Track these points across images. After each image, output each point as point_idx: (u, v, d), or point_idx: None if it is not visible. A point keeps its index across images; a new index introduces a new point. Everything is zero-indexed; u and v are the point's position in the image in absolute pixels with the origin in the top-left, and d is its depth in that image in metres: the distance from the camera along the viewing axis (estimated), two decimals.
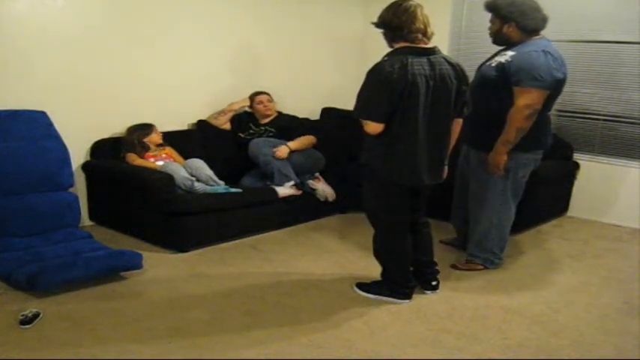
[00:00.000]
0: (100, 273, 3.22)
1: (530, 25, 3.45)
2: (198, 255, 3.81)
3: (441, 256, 3.65)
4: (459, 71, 2.97)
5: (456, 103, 3.00)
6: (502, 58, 3.46)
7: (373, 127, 2.90)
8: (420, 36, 2.89)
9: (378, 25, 2.99)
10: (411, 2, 2.92)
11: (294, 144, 4.55)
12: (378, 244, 3.22)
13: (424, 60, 2.87)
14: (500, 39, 3.55)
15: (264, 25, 5.13)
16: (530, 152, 3.56)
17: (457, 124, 3.13)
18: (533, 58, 3.35)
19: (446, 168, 3.15)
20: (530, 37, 3.47)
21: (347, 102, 5.81)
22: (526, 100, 3.33)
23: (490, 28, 3.58)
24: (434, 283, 3.32)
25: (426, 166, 2.99)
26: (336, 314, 3.04)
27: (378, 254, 3.25)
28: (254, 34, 5.08)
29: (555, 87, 3.41)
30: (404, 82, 2.80)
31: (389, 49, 2.99)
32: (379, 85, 2.83)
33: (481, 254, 3.70)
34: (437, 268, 3.36)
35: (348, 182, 4.78)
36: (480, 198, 3.64)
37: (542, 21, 3.49)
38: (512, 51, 3.44)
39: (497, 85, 3.45)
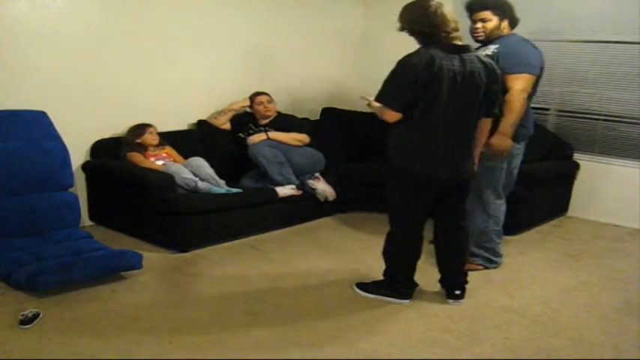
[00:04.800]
0: (100, 273, 3.22)
1: (517, 21, 3.58)
2: (198, 255, 3.81)
3: None
4: (490, 70, 2.97)
5: (485, 101, 2.99)
6: (487, 52, 3.51)
7: (390, 115, 2.90)
8: (452, 35, 2.90)
9: (408, 32, 2.96)
10: (433, 2, 2.90)
11: (275, 135, 4.58)
12: (390, 240, 3.19)
13: (456, 57, 2.87)
14: (492, 36, 3.56)
15: (264, 26, 5.14)
16: (521, 142, 3.62)
17: (485, 124, 3.12)
18: (520, 46, 3.46)
19: (473, 164, 3.13)
20: (511, 33, 3.57)
21: (347, 102, 5.84)
22: (521, 84, 3.39)
23: (484, 27, 3.56)
24: (457, 292, 3.24)
25: (445, 160, 2.95)
26: (336, 314, 3.04)
27: (386, 251, 3.22)
28: (254, 35, 5.08)
29: (539, 75, 3.50)
30: (429, 75, 2.79)
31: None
32: (404, 75, 2.84)
33: (481, 253, 3.70)
34: (466, 278, 3.29)
35: (348, 182, 4.79)
36: (476, 195, 3.64)
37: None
38: (494, 44, 3.51)
39: None
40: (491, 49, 3.49)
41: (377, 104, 2.96)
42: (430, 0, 2.90)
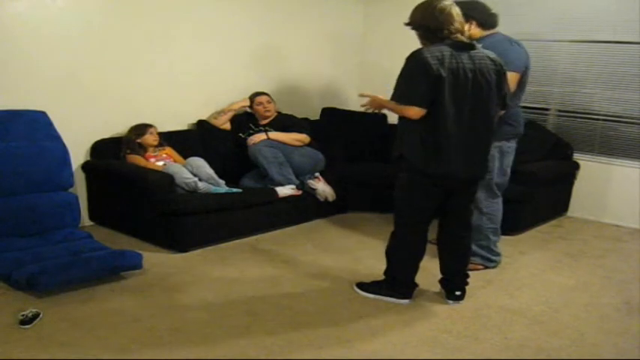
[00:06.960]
0: (100, 273, 3.22)
1: (490, 21, 3.56)
2: (198, 255, 3.81)
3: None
4: (498, 66, 2.98)
5: (497, 96, 3.00)
6: None
7: (415, 112, 2.85)
8: (458, 35, 2.91)
9: (412, 26, 2.97)
10: (445, 2, 2.91)
11: (275, 135, 4.59)
12: (395, 239, 3.18)
13: (464, 53, 2.87)
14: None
15: (264, 26, 5.14)
16: (511, 141, 3.62)
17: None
18: (500, 45, 3.41)
19: (487, 163, 3.13)
20: (489, 33, 3.54)
21: (347, 102, 5.84)
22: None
23: None
24: (458, 293, 3.25)
25: (463, 161, 2.94)
26: (336, 314, 3.04)
27: (389, 249, 3.21)
28: (254, 35, 5.08)
29: (523, 73, 3.47)
30: (440, 71, 2.79)
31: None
32: (416, 71, 2.83)
33: (479, 252, 3.70)
34: (467, 279, 3.30)
35: (347, 182, 4.79)
36: None
37: (496, 17, 3.60)
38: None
39: None
40: None
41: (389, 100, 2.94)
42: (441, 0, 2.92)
